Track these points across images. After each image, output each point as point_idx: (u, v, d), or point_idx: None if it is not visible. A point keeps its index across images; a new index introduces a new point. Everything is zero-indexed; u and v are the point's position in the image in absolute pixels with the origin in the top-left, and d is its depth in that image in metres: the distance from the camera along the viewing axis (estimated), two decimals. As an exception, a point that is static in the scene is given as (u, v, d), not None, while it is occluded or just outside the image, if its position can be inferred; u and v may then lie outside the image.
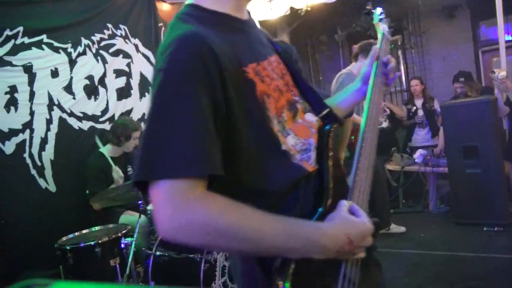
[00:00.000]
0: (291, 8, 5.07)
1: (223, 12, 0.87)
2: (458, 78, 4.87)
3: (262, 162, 0.82)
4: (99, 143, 3.16)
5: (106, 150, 3.12)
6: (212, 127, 0.74)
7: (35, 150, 2.98)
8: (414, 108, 5.08)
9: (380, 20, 1.35)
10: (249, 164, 0.81)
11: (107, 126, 3.46)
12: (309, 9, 4.89)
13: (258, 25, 1.01)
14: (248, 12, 0.96)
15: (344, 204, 0.83)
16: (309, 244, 0.76)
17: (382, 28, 1.32)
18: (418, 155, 4.62)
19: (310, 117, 0.96)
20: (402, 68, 7.25)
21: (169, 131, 0.72)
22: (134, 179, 0.74)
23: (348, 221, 0.80)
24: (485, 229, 3.69)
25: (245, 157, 0.81)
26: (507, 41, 4.50)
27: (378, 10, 1.35)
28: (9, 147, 2.84)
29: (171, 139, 0.72)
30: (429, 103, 4.98)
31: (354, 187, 0.89)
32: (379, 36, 1.30)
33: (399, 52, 7.16)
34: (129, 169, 3.26)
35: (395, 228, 3.89)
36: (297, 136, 0.89)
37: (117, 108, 3.60)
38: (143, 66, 3.91)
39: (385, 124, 5.11)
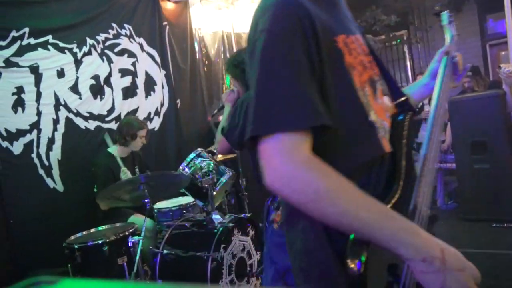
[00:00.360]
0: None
1: None
2: (466, 72, 4.82)
3: (351, 130, 0.84)
4: (109, 142, 3.17)
5: (115, 150, 3.13)
6: (315, 83, 0.78)
7: (42, 150, 3.01)
8: (421, 104, 5.04)
9: (450, 22, 1.40)
10: (338, 132, 0.81)
11: (113, 126, 3.48)
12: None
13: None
14: None
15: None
16: (401, 235, 0.72)
17: (451, 29, 1.38)
18: (425, 150, 4.58)
19: (387, 101, 0.97)
20: (408, 63, 7.20)
21: (278, 86, 0.76)
22: (247, 134, 0.77)
23: (447, 246, 0.75)
24: (494, 225, 3.65)
25: (337, 128, 0.81)
26: (515, 35, 4.43)
27: (445, 13, 1.41)
28: (17, 147, 2.86)
29: (281, 94, 0.75)
30: (436, 98, 4.93)
31: (421, 176, 0.89)
32: (448, 36, 1.34)
33: (405, 47, 7.11)
34: (137, 169, 3.27)
35: None
36: (376, 115, 0.90)
37: (123, 107, 3.62)
38: (148, 65, 3.92)
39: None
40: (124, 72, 3.68)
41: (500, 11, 4.17)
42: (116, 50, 3.60)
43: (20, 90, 2.90)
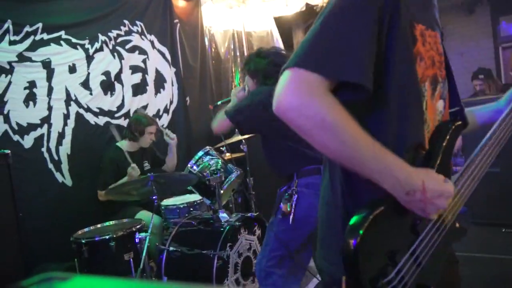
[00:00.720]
0: (307, 4, 5.03)
1: None
2: (478, 75, 4.76)
3: (403, 108, 0.88)
4: (116, 135, 3.18)
5: (123, 144, 3.16)
6: (373, 48, 0.83)
7: (52, 144, 3.03)
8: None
9: None
10: (389, 110, 0.88)
11: (122, 122, 3.50)
12: (325, 5, 4.82)
13: (269, 23, 1.04)
14: None
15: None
16: (386, 171, 0.81)
17: None
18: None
19: (440, 106, 1.00)
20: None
21: (335, 35, 0.83)
22: (290, 63, 0.83)
23: (432, 175, 0.84)
24: (503, 230, 3.60)
25: (388, 102, 0.87)
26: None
27: None
28: (28, 141, 2.89)
29: (333, 42, 0.82)
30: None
31: (455, 184, 0.92)
32: None
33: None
34: (146, 164, 3.29)
35: None
36: (427, 112, 0.93)
37: (132, 104, 3.64)
38: (158, 62, 3.93)
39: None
40: (134, 69, 3.69)
41: (515, 14, 4.10)
42: (127, 46, 3.62)
43: (32, 84, 2.93)
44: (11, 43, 2.80)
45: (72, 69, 3.19)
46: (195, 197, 3.08)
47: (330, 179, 0.98)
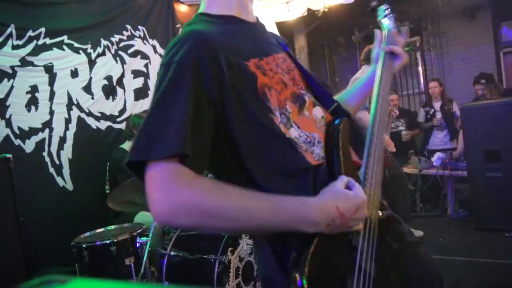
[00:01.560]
0: (309, 9, 5.04)
1: (228, 15, 0.95)
2: (479, 80, 4.76)
3: (266, 151, 0.85)
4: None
5: (127, 145, 3.17)
6: (200, 115, 0.78)
7: (54, 148, 3.04)
8: (432, 110, 4.99)
9: (386, 16, 1.26)
10: (254, 153, 0.84)
11: (124, 126, 3.51)
12: (326, 10, 4.85)
13: (271, 28, 1.05)
14: (257, 17, 1.05)
15: (342, 179, 0.83)
16: (296, 219, 0.77)
17: (387, 24, 1.24)
18: (436, 158, 4.53)
19: (318, 112, 0.97)
20: (420, 70, 7.14)
21: (159, 116, 0.77)
22: (126, 160, 0.77)
23: (340, 194, 0.80)
24: (506, 234, 3.58)
25: (248, 148, 0.83)
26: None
27: (383, 6, 1.28)
28: (29, 145, 2.90)
29: (159, 122, 0.77)
30: (448, 105, 4.88)
31: (365, 179, 0.90)
32: (385, 31, 1.23)
33: (418, 54, 7.05)
34: None
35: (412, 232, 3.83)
36: (301, 129, 0.90)
37: (134, 108, 3.65)
38: (160, 67, 3.94)
39: (402, 128, 5.04)
40: (136, 74, 3.71)
41: (516, 19, 4.10)
42: (129, 51, 3.63)
43: (34, 89, 2.94)
44: (14, 47, 2.82)
45: (74, 74, 3.20)
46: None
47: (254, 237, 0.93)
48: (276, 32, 5.48)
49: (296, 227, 0.76)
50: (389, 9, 1.26)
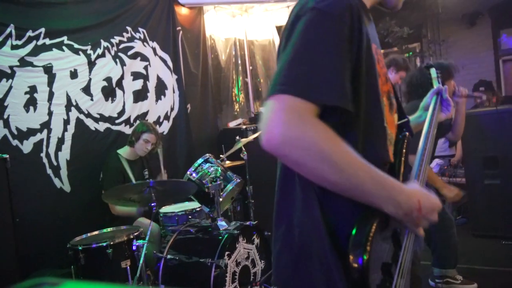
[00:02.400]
0: (309, 14, 5.04)
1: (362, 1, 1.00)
2: (479, 87, 4.78)
3: (371, 128, 0.90)
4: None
5: (124, 151, 3.15)
6: (349, 68, 0.83)
7: (51, 150, 3.02)
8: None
9: (437, 77, 1.55)
10: (359, 126, 0.88)
11: (123, 128, 3.50)
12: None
13: (271, 32, 1.10)
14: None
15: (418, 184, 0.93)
16: (387, 195, 0.81)
17: (437, 82, 1.53)
18: (434, 164, 4.53)
19: (395, 118, 1.06)
20: (420, 76, 7.15)
21: (313, 59, 0.80)
22: (272, 91, 0.79)
23: (423, 192, 0.88)
24: (503, 242, 3.58)
25: (358, 118, 0.87)
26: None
27: (434, 69, 1.56)
28: (27, 146, 2.88)
29: (313, 66, 0.80)
30: (448, 112, 4.88)
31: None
32: (435, 84, 1.49)
33: (417, 60, 7.07)
34: (146, 172, 3.27)
35: None
36: (387, 126, 0.97)
37: (133, 110, 3.64)
38: (160, 69, 3.94)
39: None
40: (136, 75, 3.70)
41: (515, 26, 4.12)
42: (129, 53, 3.63)
43: (33, 89, 2.93)
44: (13, 47, 2.81)
45: (74, 75, 3.19)
46: (194, 204, 3.06)
47: (303, 203, 0.89)
48: (277, 36, 5.49)
49: (382, 202, 0.81)
50: (439, 73, 1.55)
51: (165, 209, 3.11)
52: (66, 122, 3.13)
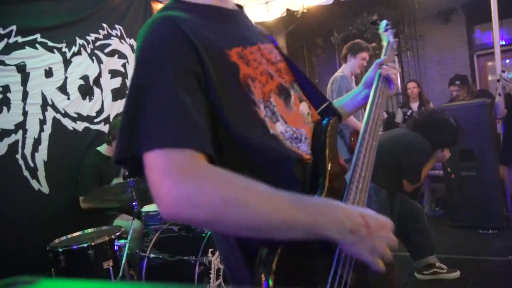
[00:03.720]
0: (288, 10, 5.07)
1: (204, 4, 0.87)
2: (454, 81, 4.89)
3: (249, 145, 0.77)
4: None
5: (104, 148, 3.11)
6: (196, 102, 0.71)
7: (27, 151, 2.94)
8: (410, 111, 5.10)
9: (386, 30, 1.43)
10: (236, 147, 0.76)
11: (101, 127, 3.44)
12: (305, 11, 4.89)
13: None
14: (237, 5, 0.96)
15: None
16: (321, 217, 0.69)
17: (387, 37, 1.40)
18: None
19: (304, 107, 0.93)
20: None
21: (155, 105, 0.69)
22: (118, 154, 0.70)
23: (365, 210, 0.75)
24: (480, 232, 3.69)
25: (231, 141, 0.76)
26: (501, 45, 4.52)
27: (384, 21, 1.45)
28: (1, 147, 2.80)
29: (160, 112, 0.68)
30: (425, 106, 4.99)
31: (351, 182, 0.87)
32: (385, 43, 1.37)
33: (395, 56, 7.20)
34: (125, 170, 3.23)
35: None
36: (287, 124, 0.85)
37: (112, 108, 3.57)
38: (138, 67, 3.88)
39: (379, 129, 5.12)
40: (114, 73, 3.63)
41: (488, 22, 4.24)
42: (106, 50, 3.56)
43: (6, 89, 2.84)
44: (-16, 46, 2.72)
45: (49, 73, 3.11)
46: (176, 203, 3.04)
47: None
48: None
49: (320, 225, 0.69)
50: (389, 24, 1.41)
51: (148, 208, 3.08)
52: (42, 122, 3.05)
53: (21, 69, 2.93)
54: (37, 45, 3.03)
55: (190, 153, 0.66)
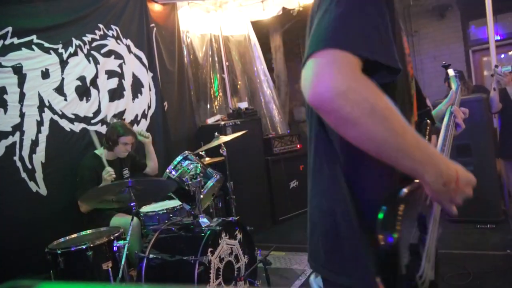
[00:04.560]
0: (284, 9, 5.07)
1: None
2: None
3: (403, 101, 0.90)
4: (96, 142, 3.09)
5: (101, 152, 3.08)
6: (391, 33, 0.82)
7: (25, 152, 2.93)
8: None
9: (456, 76, 1.64)
10: (394, 96, 0.86)
11: (99, 128, 3.43)
12: (301, 9, 4.89)
13: (246, 27, 1.08)
14: None
15: None
16: (430, 161, 0.79)
17: (456, 81, 1.60)
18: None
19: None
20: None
21: (359, 17, 0.78)
22: (310, 49, 0.76)
23: (460, 165, 0.85)
24: (478, 226, 3.71)
25: (395, 86, 0.88)
26: (496, 41, 4.54)
27: (452, 70, 1.64)
28: (-1, 149, 2.79)
29: (360, 23, 0.77)
30: (422, 102, 5.01)
31: None
32: (454, 86, 1.56)
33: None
34: (125, 172, 3.21)
35: None
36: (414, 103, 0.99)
37: (109, 109, 3.57)
38: (135, 67, 3.88)
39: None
40: (111, 74, 3.63)
41: (483, 18, 4.25)
42: (103, 51, 3.55)
43: (2, 91, 2.83)
44: (-21, 48, 2.71)
45: (45, 74, 3.10)
46: (175, 202, 3.04)
47: (330, 180, 0.92)
48: (252, 32, 5.49)
49: (424, 168, 0.78)
50: (457, 70, 1.64)
51: (146, 208, 3.08)
52: (40, 123, 3.04)
53: (18, 70, 2.91)
54: (34, 46, 3.02)
55: (360, 62, 0.75)
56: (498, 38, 6.34)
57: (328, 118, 0.75)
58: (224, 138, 3.47)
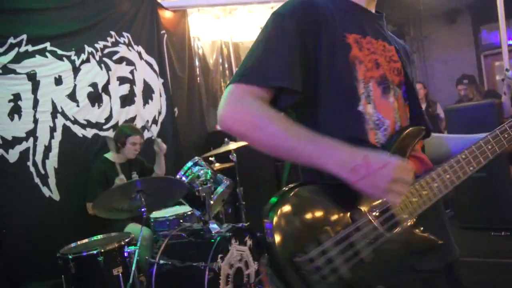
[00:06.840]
0: (293, 14, 5.07)
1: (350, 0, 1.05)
2: (462, 80, 4.87)
3: (337, 112, 0.96)
4: (112, 147, 3.13)
5: (111, 155, 3.12)
6: (297, 60, 0.92)
7: (38, 158, 2.98)
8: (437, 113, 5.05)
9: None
10: (326, 110, 0.96)
11: (110, 134, 3.46)
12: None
13: (255, 33, 1.14)
14: (379, 12, 1.13)
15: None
16: (326, 153, 0.84)
17: None
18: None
19: (396, 105, 1.03)
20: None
21: (260, 52, 0.93)
22: (230, 80, 0.94)
23: (370, 151, 0.85)
24: (492, 233, 3.65)
25: (324, 104, 0.96)
26: (509, 45, 4.49)
27: None
28: (13, 155, 2.83)
29: (259, 57, 0.93)
30: (432, 107, 4.96)
31: (420, 179, 0.96)
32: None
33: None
34: (134, 175, 3.23)
35: None
36: (376, 110, 0.98)
37: (120, 115, 3.60)
38: (146, 73, 3.92)
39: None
40: (122, 80, 3.67)
41: (494, 22, 4.21)
42: (114, 58, 3.59)
43: (17, 97, 2.88)
44: (-5, 55, 2.76)
45: (58, 81, 3.15)
46: (185, 208, 3.04)
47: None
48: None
49: (323, 161, 0.84)
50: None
51: (156, 214, 3.09)
52: (53, 129, 3.08)
53: (32, 77, 2.97)
54: (47, 54, 3.07)
55: (255, 89, 0.91)
56: (511, 42, 6.27)
57: (233, 135, 0.92)
58: (234, 144, 3.48)
